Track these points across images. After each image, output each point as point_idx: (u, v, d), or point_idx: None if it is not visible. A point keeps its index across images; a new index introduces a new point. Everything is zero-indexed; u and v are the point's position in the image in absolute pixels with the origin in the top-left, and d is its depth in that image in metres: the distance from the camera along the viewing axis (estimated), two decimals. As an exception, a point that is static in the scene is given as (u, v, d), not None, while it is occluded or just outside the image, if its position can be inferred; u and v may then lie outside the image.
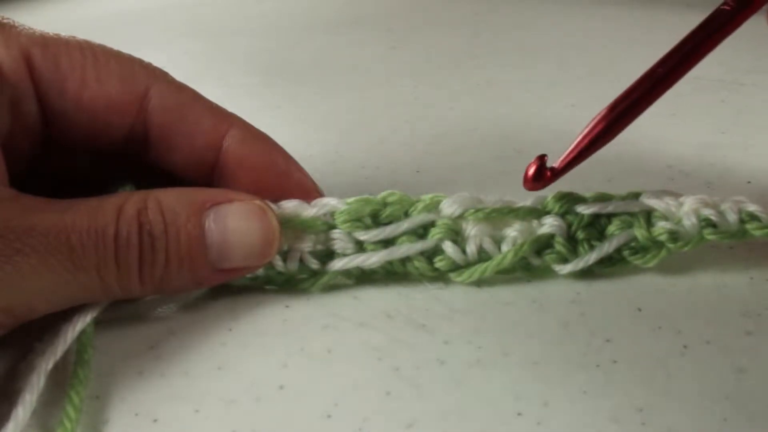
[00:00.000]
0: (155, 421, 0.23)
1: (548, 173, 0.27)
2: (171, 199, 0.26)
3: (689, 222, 0.28)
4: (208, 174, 0.30)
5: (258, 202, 0.27)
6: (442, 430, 0.23)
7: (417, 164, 0.39)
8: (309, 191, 0.30)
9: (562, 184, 0.30)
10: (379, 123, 0.44)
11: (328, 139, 0.42)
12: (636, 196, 0.29)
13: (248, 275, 0.28)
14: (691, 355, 0.25)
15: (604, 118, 0.27)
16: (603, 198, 0.29)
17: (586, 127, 0.27)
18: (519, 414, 0.23)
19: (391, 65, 0.54)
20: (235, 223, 0.26)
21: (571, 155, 0.27)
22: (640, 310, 0.27)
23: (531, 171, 0.27)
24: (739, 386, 0.23)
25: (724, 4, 0.27)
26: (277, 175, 0.30)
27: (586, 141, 0.27)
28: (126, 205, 0.25)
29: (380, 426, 0.23)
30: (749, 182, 0.35)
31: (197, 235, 0.26)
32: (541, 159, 0.27)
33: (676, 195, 0.29)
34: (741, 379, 0.24)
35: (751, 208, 0.28)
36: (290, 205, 0.29)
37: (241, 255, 0.27)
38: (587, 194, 0.29)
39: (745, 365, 0.24)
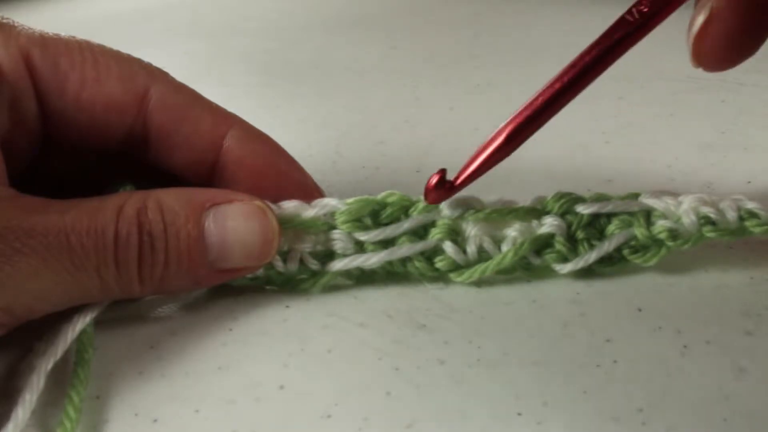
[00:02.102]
0: (155, 421, 0.23)
1: (447, 186, 0.27)
2: (171, 199, 0.26)
3: (689, 220, 0.28)
4: (208, 174, 0.30)
5: (258, 202, 0.27)
6: (442, 430, 0.23)
7: (417, 164, 0.39)
8: (310, 192, 0.30)
9: (562, 185, 0.30)
10: (379, 123, 0.44)
11: (328, 139, 0.42)
12: (635, 196, 0.29)
13: (248, 275, 0.28)
14: (691, 355, 0.25)
15: (501, 132, 0.27)
16: (602, 199, 0.29)
17: (485, 143, 0.27)
18: (519, 414, 0.23)
19: (391, 65, 0.54)
20: (234, 223, 0.26)
21: (469, 172, 0.27)
22: (640, 310, 0.27)
23: (433, 182, 0.27)
24: (739, 386, 0.23)
25: (628, 12, 0.26)
26: (277, 176, 0.30)
27: (484, 158, 0.27)
28: (126, 206, 0.25)
29: (380, 426, 0.23)
30: (749, 182, 0.35)
31: (196, 235, 0.26)
32: (442, 172, 0.27)
33: (674, 195, 0.29)
34: (741, 379, 0.24)
35: (750, 205, 0.28)
36: (290, 206, 0.29)
37: (241, 255, 0.27)
38: (586, 195, 0.29)
39: (745, 365, 0.24)
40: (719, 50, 0.25)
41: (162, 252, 0.25)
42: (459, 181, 0.27)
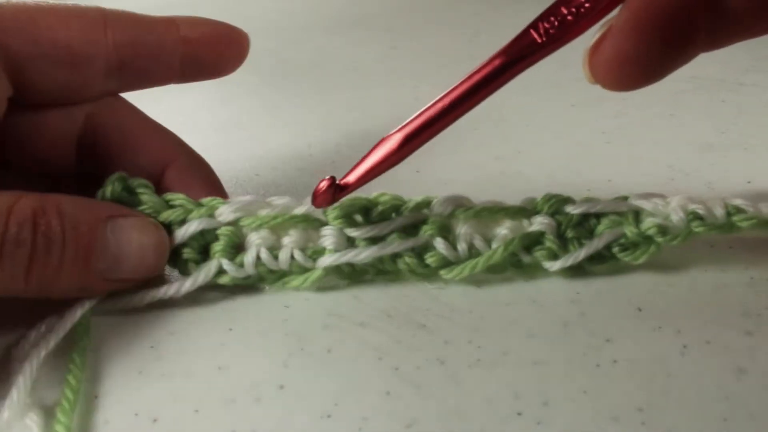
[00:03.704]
0: (155, 421, 0.23)
1: (337, 188, 0.27)
2: (70, 205, 0.26)
3: (677, 216, 0.28)
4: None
5: (152, 220, 0.28)
6: (442, 430, 0.23)
7: (417, 164, 0.39)
8: None
9: (562, 185, 0.30)
10: (379, 123, 0.44)
11: (328, 139, 0.42)
12: (624, 199, 0.29)
13: (240, 275, 0.28)
14: (691, 355, 0.25)
15: (393, 137, 0.26)
16: (591, 200, 0.29)
17: (376, 146, 0.27)
18: (519, 414, 0.23)
19: (391, 65, 0.54)
20: (132, 236, 0.27)
21: (359, 175, 0.27)
22: (640, 310, 0.27)
23: (323, 185, 0.26)
24: (739, 386, 0.23)
25: (534, 27, 0.26)
26: None
27: (374, 164, 0.27)
28: (20, 204, 0.25)
29: (380, 426, 0.23)
30: (749, 182, 0.35)
31: (94, 243, 0.26)
32: (332, 178, 0.27)
33: (663, 196, 0.29)
34: (741, 379, 0.24)
35: (737, 201, 0.28)
36: (281, 202, 0.29)
37: (133, 267, 0.27)
38: (575, 197, 0.29)
39: (745, 365, 0.24)
40: (610, 68, 0.25)
41: (57, 256, 0.25)
42: (347, 181, 0.27)
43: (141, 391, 0.25)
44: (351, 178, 0.27)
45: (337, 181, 0.27)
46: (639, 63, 0.25)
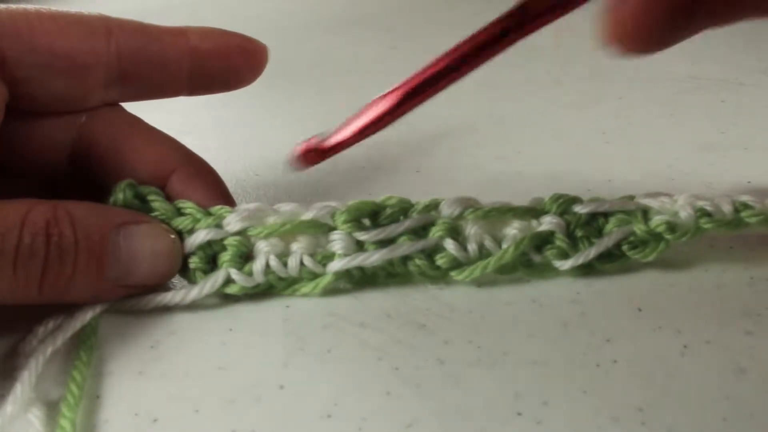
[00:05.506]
0: (155, 421, 0.23)
1: (320, 150, 0.26)
2: (82, 213, 0.26)
3: (685, 213, 0.28)
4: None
5: (165, 226, 0.28)
6: (442, 430, 0.23)
7: (417, 164, 0.39)
8: None
9: (562, 185, 0.30)
10: (379, 123, 0.44)
11: (328, 139, 0.42)
12: (630, 198, 0.29)
13: (249, 284, 0.28)
14: (691, 355, 0.25)
15: (384, 100, 0.26)
16: (599, 200, 0.29)
17: (368, 110, 0.26)
18: (519, 414, 0.23)
19: (391, 65, 0.55)
20: (144, 243, 0.27)
21: (354, 136, 0.26)
22: (640, 310, 0.27)
23: (311, 144, 0.26)
24: (739, 386, 0.23)
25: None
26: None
27: (370, 123, 0.26)
28: (32, 214, 0.25)
29: (380, 426, 0.23)
30: (749, 182, 0.35)
31: (106, 251, 0.26)
32: (316, 137, 0.26)
33: (669, 195, 0.29)
34: (741, 379, 0.24)
35: (744, 198, 0.28)
36: (288, 208, 0.29)
37: (146, 274, 0.27)
38: (583, 197, 0.29)
39: (745, 365, 0.24)
40: (630, 27, 0.25)
41: (70, 265, 0.25)
42: (338, 139, 0.26)
43: (141, 391, 0.25)
44: (341, 136, 0.26)
45: (326, 140, 0.26)
46: (655, 26, 0.24)
